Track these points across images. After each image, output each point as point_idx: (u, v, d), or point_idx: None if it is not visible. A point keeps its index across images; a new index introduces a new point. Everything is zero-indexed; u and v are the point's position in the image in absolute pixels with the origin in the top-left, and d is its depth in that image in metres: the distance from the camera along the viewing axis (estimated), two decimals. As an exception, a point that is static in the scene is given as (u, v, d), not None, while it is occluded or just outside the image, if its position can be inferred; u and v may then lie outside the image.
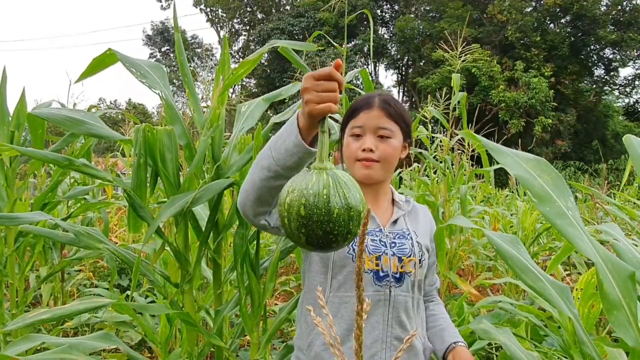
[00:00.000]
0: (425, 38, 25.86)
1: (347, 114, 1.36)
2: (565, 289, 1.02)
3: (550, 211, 1.03)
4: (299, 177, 0.86)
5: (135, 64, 1.61)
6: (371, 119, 1.30)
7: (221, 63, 1.57)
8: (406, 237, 1.33)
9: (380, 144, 1.30)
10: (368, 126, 1.30)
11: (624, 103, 27.53)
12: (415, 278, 1.29)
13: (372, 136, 1.30)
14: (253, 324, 1.46)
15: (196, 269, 1.45)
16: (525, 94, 20.30)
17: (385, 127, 1.30)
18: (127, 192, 1.38)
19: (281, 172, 1.03)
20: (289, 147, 1.00)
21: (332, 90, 0.93)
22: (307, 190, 0.82)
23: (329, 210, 0.81)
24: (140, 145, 1.39)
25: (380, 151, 1.29)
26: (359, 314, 0.62)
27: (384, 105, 1.31)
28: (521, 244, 1.11)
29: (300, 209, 0.81)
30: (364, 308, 0.68)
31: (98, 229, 1.44)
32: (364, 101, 1.33)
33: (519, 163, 1.11)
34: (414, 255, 1.29)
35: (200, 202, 1.39)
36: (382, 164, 1.30)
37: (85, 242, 1.36)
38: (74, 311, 1.29)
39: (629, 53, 24.12)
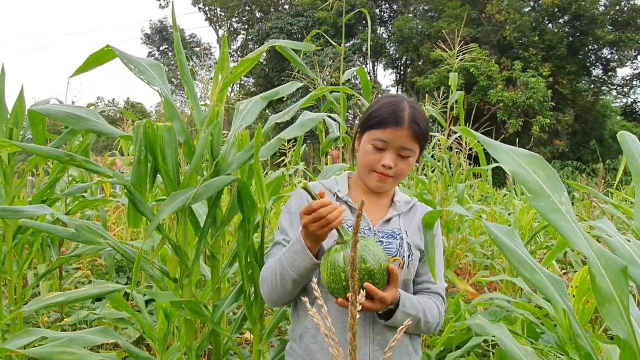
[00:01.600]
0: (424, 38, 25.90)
1: (371, 119, 1.35)
2: (561, 281, 1.03)
3: (544, 206, 1.04)
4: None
5: (133, 60, 1.62)
6: (398, 138, 1.30)
7: (220, 61, 1.59)
8: (395, 237, 1.35)
9: (399, 162, 1.33)
10: (393, 144, 1.31)
11: (622, 103, 27.63)
12: (400, 278, 1.30)
13: (394, 154, 1.32)
14: (256, 315, 1.48)
15: (195, 263, 1.47)
16: (523, 94, 20.35)
17: (408, 148, 1.32)
18: (127, 187, 1.39)
19: (305, 280, 1.26)
20: (306, 268, 1.21)
21: (322, 216, 1.13)
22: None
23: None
24: (140, 141, 1.40)
25: (398, 169, 1.33)
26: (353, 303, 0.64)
27: (413, 125, 1.31)
28: (517, 236, 1.13)
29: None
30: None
31: (99, 224, 1.45)
32: (394, 115, 1.31)
33: (514, 159, 1.13)
34: (399, 255, 1.32)
35: (201, 199, 1.41)
36: (395, 179, 1.35)
37: (87, 236, 1.38)
38: (87, 295, 1.32)
39: (627, 53, 24.21)
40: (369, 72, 28.87)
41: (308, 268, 1.20)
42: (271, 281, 1.27)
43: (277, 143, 1.69)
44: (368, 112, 1.39)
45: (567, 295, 1.04)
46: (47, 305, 1.24)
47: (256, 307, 1.51)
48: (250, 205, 1.50)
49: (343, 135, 3.69)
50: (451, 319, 3.05)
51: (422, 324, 1.29)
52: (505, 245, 1.12)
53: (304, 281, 1.25)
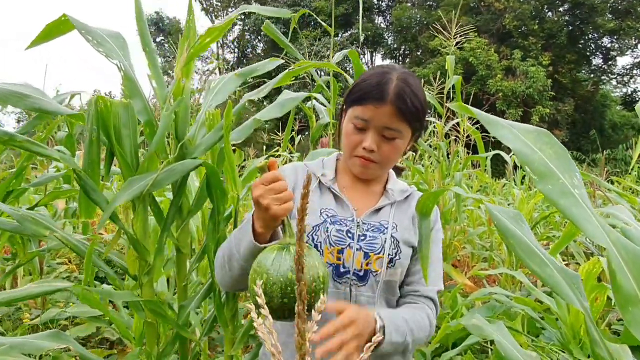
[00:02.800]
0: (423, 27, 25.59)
1: (354, 93, 1.14)
2: (576, 277, 0.87)
3: (553, 189, 0.86)
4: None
5: (91, 31, 1.45)
6: (379, 117, 1.08)
7: (186, 30, 1.41)
8: (381, 231, 1.15)
9: (383, 145, 1.11)
10: (374, 123, 1.09)
11: (622, 93, 27.41)
12: (382, 278, 1.11)
13: (376, 134, 1.10)
14: (228, 316, 1.32)
15: (157, 259, 1.30)
16: (522, 83, 20.14)
17: (392, 128, 1.10)
18: (77, 172, 1.22)
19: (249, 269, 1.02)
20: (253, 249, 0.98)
21: (284, 189, 0.94)
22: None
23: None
24: (92, 120, 1.23)
25: (382, 153, 1.12)
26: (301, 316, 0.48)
27: (398, 101, 1.08)
28: (525, 222, 0.96)
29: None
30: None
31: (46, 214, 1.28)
32: (377, 89, 1.09)
33: (516, 135, 0.95)
34: (384, 253, 1.12)
35: (162, 185, 1.24)
36: (380, 165, 1.14)
37: (31, 228, 1.21)
38: (27, 294, 1.15)
39: (627, 42, 23.96)
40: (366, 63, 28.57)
41: (248, 251, 0.99)
42: (221, 263, 1.10)
43: (252, 125, 1.51)
44: (353, 84, 1.18)
45: (584, 293, 0.87)
46: (-22, 307, 1.07)
47: (227, 308, 1.34)
48: (220, 194, 1.33)
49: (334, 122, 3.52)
50: (447, 315, 2.90)
51: (411, 344, 1.07)
52: (510, 232, 0.94)
53: (246, 272, 1.00)
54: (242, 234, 1.01)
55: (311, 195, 1.17)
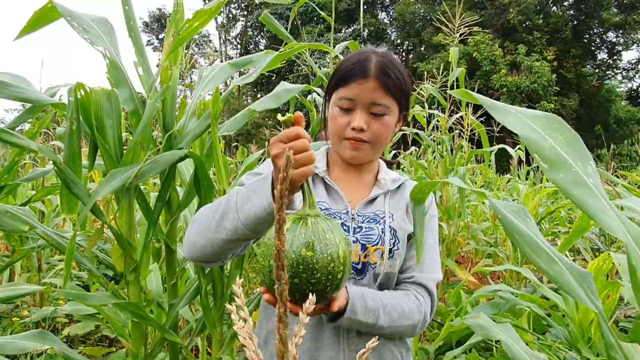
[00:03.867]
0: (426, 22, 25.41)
1: (335, 77, 1.12)
2: (587, 275, 0.80)
3: (565, 179, 0.79)
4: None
5: (77, 17, 1.38)
6: (365, 92, 1.06)
7: (174, 14, 1.34)
8: (377, 222, 1.11)
9: (372, 123, 1.08)
10: (360, 100, 1.07)
11: (627, 88, 27.16)
12: (382, 270, 1.08)
13: (364, 112, 1.08)
14: (215, 317, 1.25)
15: (143, 255, 1.23)
16: (527, 79, 19.97)
17: (380, 104, 1.07)
18: (57, 165, 1.16)
19: (251, 235, 0.92)
20: (260, 214, 0.88)
21: (305, 149, 0.84)
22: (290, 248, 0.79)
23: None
24: (72, 109, 1.16)
25: (372, 131, 1.08)
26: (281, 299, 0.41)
27: (382, 75, 1.07)
28: (530, 217, 0.89)
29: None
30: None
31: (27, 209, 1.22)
32: (359, 66, 1.08)
33: (524, 122, 0.87)
34: (383, 244, 1.08)
35: (146, 177, 1.17)
36: (371, 145, 1.10)
37: (8, 224, 1.15)
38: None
39: (633, 36, 23.70)
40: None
41: (256, 213, 0.88)
42: (205, 221, 0.96)
43: (245, 116, 1.44)
44: (333, 71, 1.15)
45: (595, 292, 0.80)
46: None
47: (215, 308, 1.28)
48: (208, 187, 1.26)
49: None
50: (451, 312, 2.83)
51: (388, 330, 1.02)
52: (515, 228, 0.87)
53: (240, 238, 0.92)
54: (254, 192, 0.91)
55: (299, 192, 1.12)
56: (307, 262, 0.78)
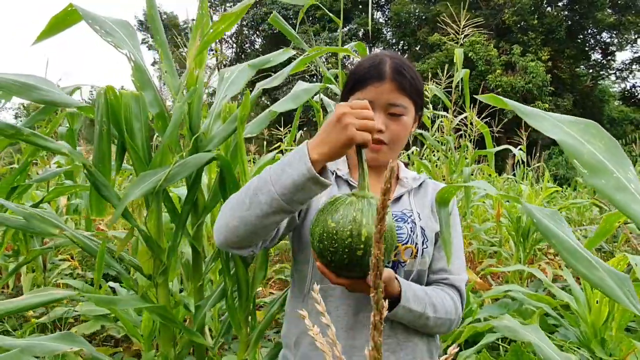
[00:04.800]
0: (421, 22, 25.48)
1: (351, 81, 1.14)
2: (626, 279, 0.81)
3: (607, 184, 0.80)
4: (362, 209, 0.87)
5: (99, 20, 1.38)
6: (382, 94, 1.09)
7: (199, 18, 1.34)
8: (405, 221, 1.12)
9: (390, 124, 1.10)
10: (378, 102, 1.09)
11: (620, 88, 27.36)
12: (413, 268, 1.10)
13: (382, 114, 1.10)
14: (241, 318, 1.26)
15: (171, 258, 1.24)
16: (522, 79, 20.07)
17: (397, 104, 1.09)
18: (87, 168, 1.16)
19: (285, 208, 0.91)
20: (298, 180, 0.88)
21: (371, 118, 0.88)
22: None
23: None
24: (102, 112, 1.16)
25: (391, 132, 1.10)
26: (378, 303, 0.42)
27: (397, 76, 1.09)
28: (564, 221, 0.91)
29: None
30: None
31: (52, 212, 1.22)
32: (374, 69, 1.10)
33: (559, 127, 0.89)
34: (412, 243, 1.09)
35: (175, 180, 1.18)
36: (390, 146, 1.12)
37: (38, 227, 1.14)
38: (25, 305, 1.08)
39: (626, 37, 23.88)
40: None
41: (296, 182, 0.88)
42: (239, 199, 0.95)
43: (267, 117, 1.45)
44: (348, 76, 1.18)
45: (635, 295, 0.82)
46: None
47: (241, 310, 1.28)
48: (234, 189, 1.26)
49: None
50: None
51: (432, 321, 1.05)
52: (551, 232, 0.88)
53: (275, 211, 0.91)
54: (288, 164, 0.90)
55: (329, 191, 1.13)
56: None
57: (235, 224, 0.94)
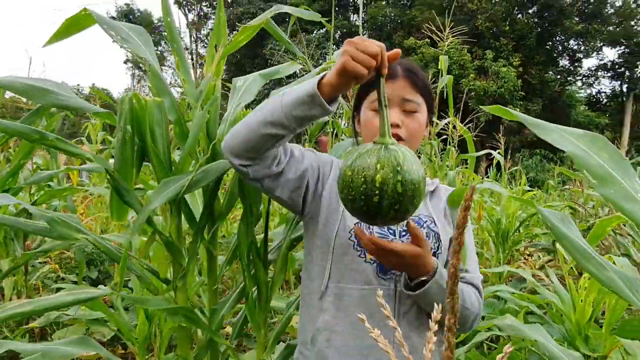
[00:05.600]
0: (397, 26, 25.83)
1: (364, 85, 1.19)
2: (635, 280, 0.90)
3: (616, 194, 0.89)
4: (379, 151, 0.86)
5: (114, 26, 1.39)
6: (396, 90, 1.13)
7: (216, 28, 1.37)
8: (421, 226, 1.15)
9: (406, 120, 1.15)
10: (393, 98, 1.13)
11: (586, 93, 28.39)
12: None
13: (398, 110, 1.14)
14: (260, 320, 1.30)
15: (190, 263, 1.27)
16: (494, 83, 20.60)
17: (411, 100, 1.14)
18: (110, 173, 1.18)
19: (283, 121, 0.96)
20: (301, 95, 0.94)
21: (372, 54, 0.88)
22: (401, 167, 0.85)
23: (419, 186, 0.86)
24: (126, 119, 1.18)
25: (407, 128, 1.14)
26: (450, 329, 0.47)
27: (409, 74, 1.15)
28: (573, 223, 0.99)
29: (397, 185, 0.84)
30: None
31: (75, 217, 1.23)
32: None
33: (567, 139, 0.97)
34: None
35: (198, 186, 1.21)
36: (408, 143, 1.14)
37: (61, 231, 1.16)
38: (60, 303, 1.09)
39: (592, 44, 24.80)
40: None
41: (300, 96, 0.93)
42: (246, 119, 1.03)
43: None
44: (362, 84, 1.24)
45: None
46: (10, 315, 1.02)
47: (260, 311, 1.32)
48: (254, 194, 1.30)
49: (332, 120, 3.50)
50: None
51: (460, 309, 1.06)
52: (563, 235, 0.96)
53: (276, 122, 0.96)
54: (302, 84, 0.96)
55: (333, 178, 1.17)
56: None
57: (239, 128, 1.02)
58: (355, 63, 0.86)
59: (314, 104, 0.92)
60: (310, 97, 0.92)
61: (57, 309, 1.05)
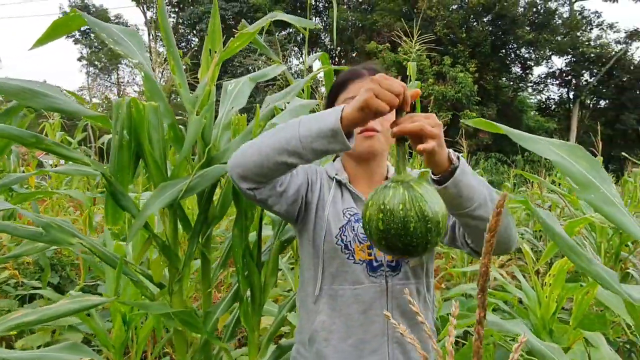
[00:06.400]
0: (358, 30, 26.17)
1: (332, 91, 1.27)
2: (613, 274, 0.99)
3: (596, 198, 0.98)
4: (378, 191, 0.90)
5: (105, 28, 1.39)
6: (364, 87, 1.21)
7: (211, 34, 1.39)
8: None
9: None
10: None
11: (537, 99, 29.78)
12: (415, 263, 1.19)
13: None
14: (254, 322, 1.32)
15: (186, 267, 1.28)
16: (452, 88, 21.23)
17: None
18: (106, 177, 1.17)
19: (300, 151, 0.96)
20: (323, 129, 0.94)
21: (395, 92, 0.90)
22: (385, 206, 0.87)
23: (405, 225, 0.85)
24: (122, 123, 1.18)
25: (381, 121, 1.19)
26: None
27: (374, 73, 1.22)
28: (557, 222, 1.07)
29: (379, 223, 0.87)
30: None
31: (69, 222, 1.21)
32: (351, 73, 1.25)
33: (551, 149, 1.06)
34: None
35: (195, 191, 1.22)
36: (382, 134, 1.21)
37: (56, 236, 1.14)
38: (65, 311, 1.08)
39: (542, 53, 26.04)
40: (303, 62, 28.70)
41: (321, 129, 0.93)
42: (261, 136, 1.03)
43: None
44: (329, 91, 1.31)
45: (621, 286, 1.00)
46: (16, 325, 1.00)
47: (254, 314, 1.35)
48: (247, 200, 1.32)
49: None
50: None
51: (490, 206, 1.01)
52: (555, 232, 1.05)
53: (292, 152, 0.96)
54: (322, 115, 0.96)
55: (332, 196, 1.22)
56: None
57: (250, 151, 1.02)
58: (378, 100, 0.89)
59: (335, 139, 0.93)
60: (332, 131, 0.92)
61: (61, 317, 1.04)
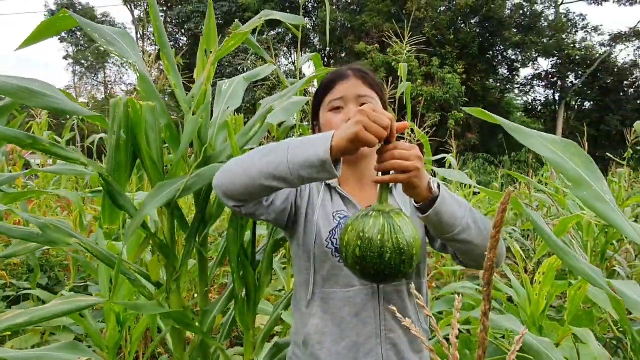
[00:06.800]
0: (347, 30, 26.25)
1: (318, 92, 1.28)
2: (598, 270, 1.02)
3: (589, 196, 1.01)
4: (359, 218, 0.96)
5: (98, 29, 1.38)
6: (350, 88, 1.22)
7: (206, 33, 1.39)
8: None
9: None
10: (348, 96, 1.22)
11: (523, 101, 30.15)
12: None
13: (355, 106, 1.21)
14: (249, 321, 1.33)
15: (183, 265, 1.28)
16: (440, 89, 21.39)
17: (366, 95, 1.22)
18: (103, 177, 1.17)
19: (288, 177, 0.97)
20: (312, 158, 0.94)
21: (384, 125, 0.93)
22: (364, 234, 0.93)
23: (381, 255, 0.91)
24: (119, 123, 1.18)
25: None
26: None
27: (360, 73, 1.24)
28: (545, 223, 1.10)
29: (356, 249, 0.93)
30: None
31: (66, 222, 1.21)
32: (336, 74, 1.26)
33: (545, 145, 1.08)
34: None
35: (192, 190, 1.22)
36: None
37: (53, 237, 1.13)
38: (57, 312, 1.07)
39: (529, 54, 26.36)
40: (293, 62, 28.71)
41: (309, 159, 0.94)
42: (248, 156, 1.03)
43: (266, 128, 1.53)
44: (316, 92, 1.32)
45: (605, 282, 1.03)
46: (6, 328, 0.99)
47: (249, 313, 1.36)
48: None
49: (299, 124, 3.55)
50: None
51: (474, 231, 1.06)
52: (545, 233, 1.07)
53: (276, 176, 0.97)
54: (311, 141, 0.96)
55: (322, 199, 1.23)
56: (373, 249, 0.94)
57: (237, 171, 1.02)
58: (368, 134, 0.91)
59: (324, 169, 0.94)
60: (321, 162, 0.93)
61: (54, 318, 1.04)
